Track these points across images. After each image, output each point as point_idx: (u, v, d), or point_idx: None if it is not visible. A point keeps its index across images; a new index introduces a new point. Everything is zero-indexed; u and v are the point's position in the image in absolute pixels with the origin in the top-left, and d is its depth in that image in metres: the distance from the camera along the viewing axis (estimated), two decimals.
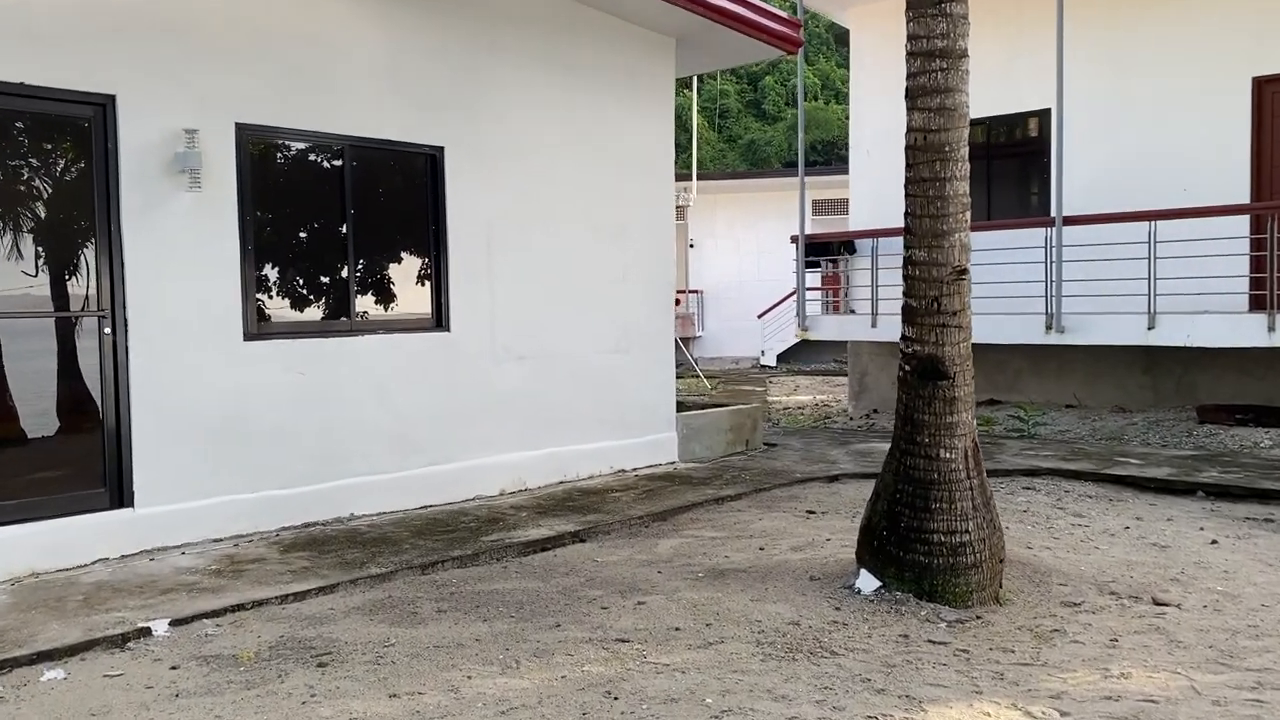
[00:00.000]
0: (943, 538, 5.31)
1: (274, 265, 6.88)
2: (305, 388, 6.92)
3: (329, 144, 7.08)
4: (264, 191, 6.81)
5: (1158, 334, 10.44)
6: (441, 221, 7.62)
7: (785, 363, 26.90)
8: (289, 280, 6.99)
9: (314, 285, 7.11)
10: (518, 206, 8.11)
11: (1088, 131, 11.76)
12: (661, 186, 9.33)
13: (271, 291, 6.88)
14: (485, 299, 7.89)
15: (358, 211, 7.23)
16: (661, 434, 9.28)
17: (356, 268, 7.25)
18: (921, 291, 5.34)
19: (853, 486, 8.51)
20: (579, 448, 8.56)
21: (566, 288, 8.49)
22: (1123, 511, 7.56)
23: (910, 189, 5.35)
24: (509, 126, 8.04)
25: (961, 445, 5.38)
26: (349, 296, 7.20)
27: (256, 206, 6.73)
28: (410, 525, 6.99)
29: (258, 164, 6.76)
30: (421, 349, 7.53)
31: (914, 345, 5.40)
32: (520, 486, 8.10)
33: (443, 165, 7.61)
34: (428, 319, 7.63)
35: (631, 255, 9.02)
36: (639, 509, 7.46)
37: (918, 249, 5.33)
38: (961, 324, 5.35)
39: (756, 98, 48.71)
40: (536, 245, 8.26)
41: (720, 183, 27.96)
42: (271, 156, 6.90)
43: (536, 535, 6.69)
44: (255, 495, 6.69)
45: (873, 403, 14.29)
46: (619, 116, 8.89)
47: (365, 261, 7.34)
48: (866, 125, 14.21)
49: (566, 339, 8.49)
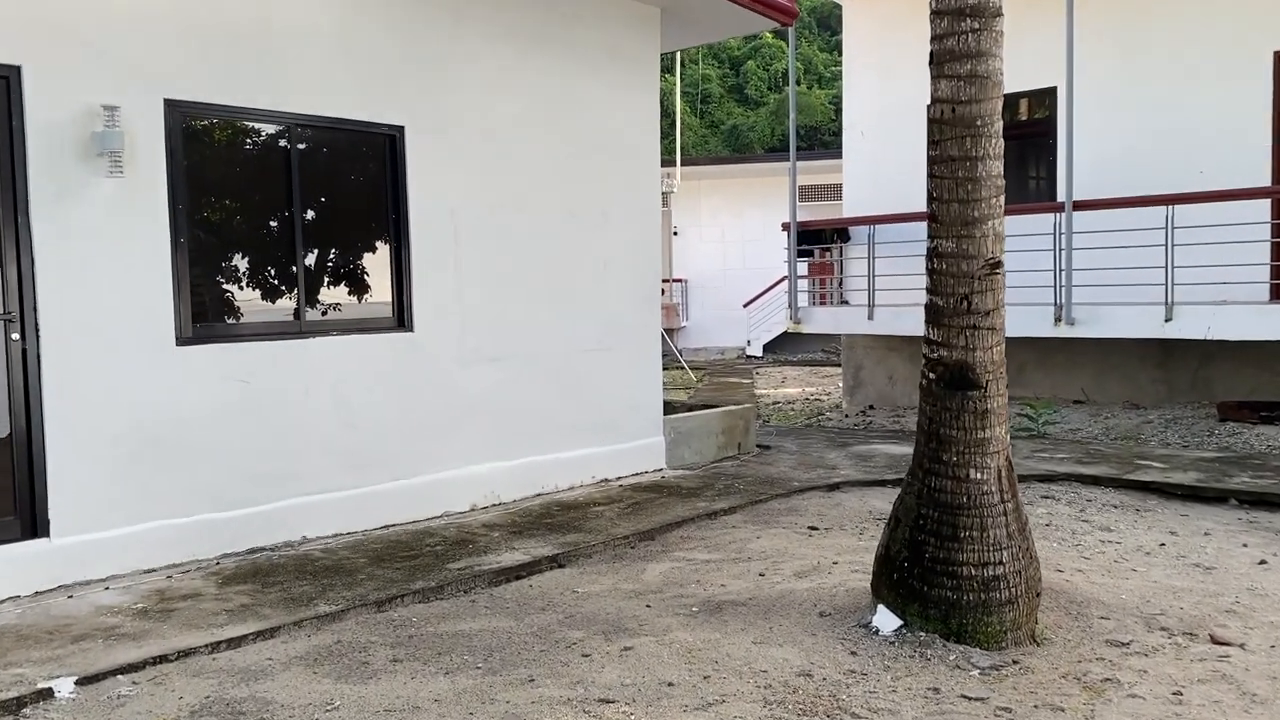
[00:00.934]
0: (973, 570, 4.62)
1: (211, 260, 6.12)
2: (249, 397, 6.16)
3: (274, 123, 6.32)
4: (199, 177, 6.04)
5: (1176, 326, 9.79)
6: (402, 209, 6.87)
7: (772, 353, 26.25)
8: (228, 277, 6.23)
9: (257, 282, 6.35)
10: (488, 192, 7.36)
11: (1096, 111, 11.08)
12: (646, 170, 8.59)
13: (208, 290, 6.12)
14: (452, 295, 7.15)
15: (307, 199, 6.48)
16: (648, 439, 8.56)
17: (306, 262, 6.49)
18: (949, 288, 4.64)
19: (855, 496, 7.82)
20: (558, 456, 7.84)
21: (542, 281, 7.75)
22: (1154, 524, 6.90)
23: (935, 169, 4.64)
24: (477, 105, 7.29)
25: (994, 465, 4.69)
26: (298, 294, 6.44)
27: (190, 194, 5.96)
28: (369, 549, 6.26)
29: (191, 146, 5.99)
30: (381, 351, 6.79)
31: (940, 350, 4.70)
32: (493, 501, 7.38)
33: (403, 147, 6.85)
34: (388, 318, 6.88)
35: (614, 244, 8.29)
36: (624, 526, 6.75)
37: (944, 239, 4.63)
38: (995, 325, 4.66)
39: (739, 82, 48.04)
40: (509, 235, 7.51)
41: (705, 168, 27.24)
42: (207, 137, 6.12)
43: (510, 561, 5.97)
44: (192, 519, 5.94)
45: (868, 398, 13.62)
46: (599, 94, 8.14)
47: (316, 255, 6.58)
48: (860, 104, 13.51)
49: (543, 337, 7.76)
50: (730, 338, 27.13)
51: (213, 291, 6.14)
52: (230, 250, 6.23)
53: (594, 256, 8.14)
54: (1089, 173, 10.96)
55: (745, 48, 48.41)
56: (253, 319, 6.30)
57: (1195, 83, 10.68)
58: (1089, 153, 10.96)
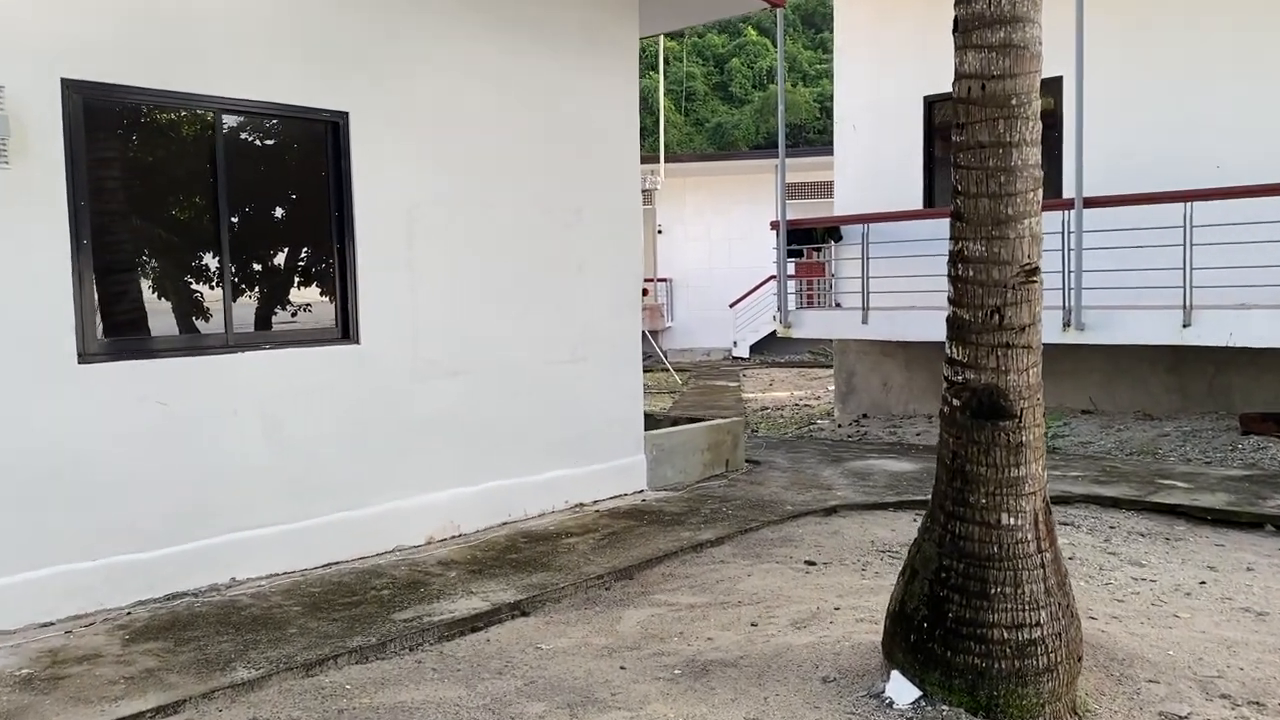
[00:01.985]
0: (1006, 633, 3.89)
1: (121, 264, 5.34)
2: (167, 421, 5.38)
3: (197, 108, 5.54)
4: (106, 169, 5.26)
5: (1195, 332, 9.10)
6: (347, 206, 6.10)
7: (758, 354, 25.58)
8: (142, 283, 5.44)
9: (177, 289, 5.57)
10: (447, 186, 6.60)
11: (1105, 102, 10.37)
12: (625, 163, 7.84)
13: (117, 299, 5.34)
14: (406, 301, 6.38)
15: (236, 194, 5.70)
16: (627, 458, 7.81)
17: (234, 266, 5.71)
18: (977, 299, 3.90)
19: (854, 522, 7.09)
20: (526, 480, 7.08)
21: (509, 285, 6.99)
22: (1188, 557, 6.20)
23: (960, 158, 3.90)
24: (435, 89, 6.52)
25: (1029, 508, 3.96)
26: (225, 303, 5.66)
27: (95, 189, 5.18)
28: (305, 594, 5.48)
29: (97, 134, 5.20)
30: (323, 366, 6.01)
31: (965, 372, 3.96)
32: (453, 532, 6.61)
33: (347, 135, 6.08)
34: (330, 329, 6.11)
35: (590, 243, 7.53)
36: (598, 563, 6.00)
37: (971, 240, 3.89)
38: (1030, 343, 3.92)
39: (723, 80, 47.68)
40: (472, 234, 6.75)
41: (689, 165, 26.51)
42: (116, 123, 5.33)
43: (465, 609, 5.21)
44: (98, 563, 5.16)
45: (861, 406, 12.90)
46: (574, 81, 7.38)
47: (246, 258, 5.81)
48: (852, 97, 12.78)
49: (510, 347, 6.99)
50: (716, 338, 26.46)
51: (123, 300, 5.35)
52: (145, 253, 5.45)
53: (568, 258, 7.39)
54: (1097, 168, 10.26)
55: (729, 45, 48.00)
56: (172, 331, 5.52)
57: (1213, 70, 9.99)
58: (1097, 147, 10.26)
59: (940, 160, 12.00)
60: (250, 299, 5.85)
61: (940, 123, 12.09)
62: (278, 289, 5.98)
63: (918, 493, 7.79)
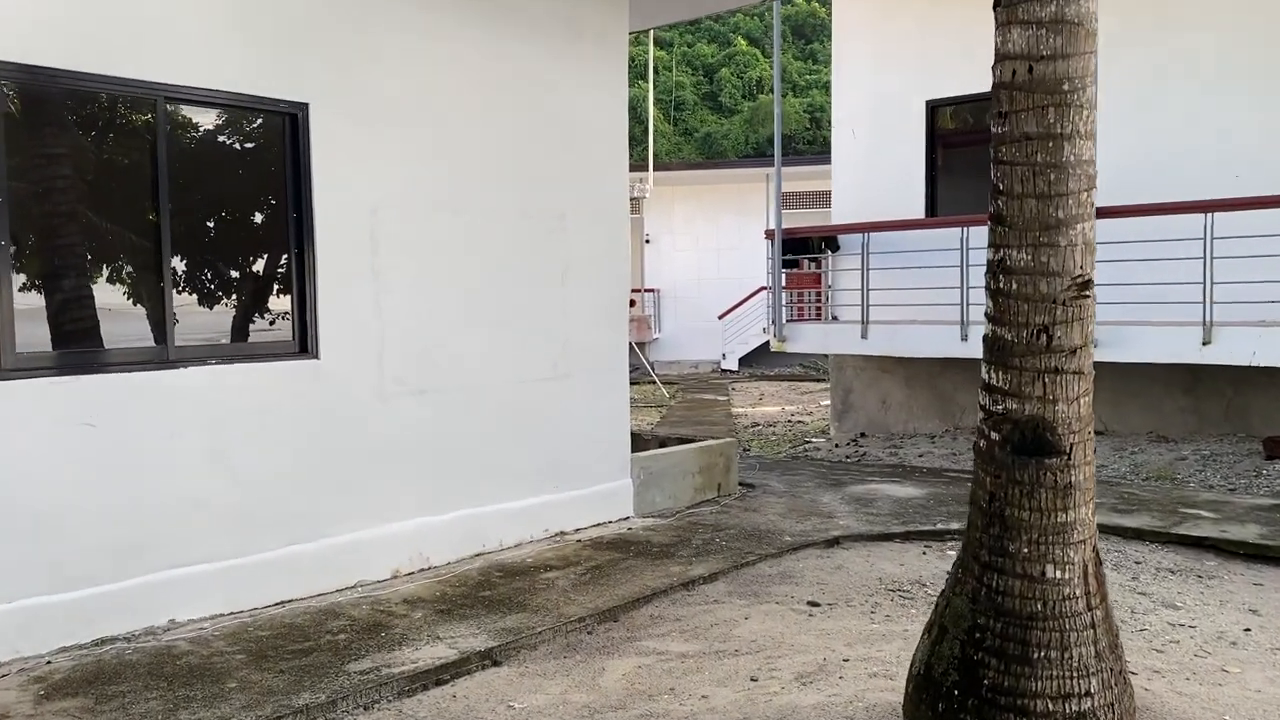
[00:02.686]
0: (1051, 704, 3.36)
1: (43, 269, 4.76)
2: (96, 445, 4.80)
3: (135, 96, 4.96)
4: (28, 163, 4.69)
5: (1215, 350, 8.59)
6: (305, 207, 5.52)
7: (748, 367, 25.07)
8: (69, 290, 4.86)
9: (109, 297, 4.98)
10: (417, 187, 6.03)
11: (1112, 108, 9.84)
12: (612, 165, 7.29)
13: (40, 307, 4.75)
14: (370, 313, 5.81)
15: (179, 192, 5.12)
16: (612, 482, 7.24)
17: (176, 272, 5.13)
18: (1021, 316, 3.36)
19: (859, 556, 6.53)
20: (502, 507, 6.50)
21: (485, 295, 6.43)
22: (1226, 598, 5.66)
23: (1002, 152, 3.36)
24: (405, 81, 5.96)
25: (1078, 558, 3.43)
26: (164, 312, 5.08)
27: (14, 185, 4.59)
28: (251, 639, 4.89)
29: (17, 123, 4.62)
30: (277, 384, 5.43)
31: (1006, 401, 3.42)
32: (421, 565, 6.03)
33: (307, 129, 5.51)
34: (286, 342, 5.53)
35: (574, 251, 6.97)
36: (580, 602, 5.42)
37: (1015, 248, 3.35)
38: (1082, 368, 3.39)
39: (713, 90, 47.44)
40: (444, 240, 6.18)
41: (678, 173, 26.01)
42: (42, 112, 4.75)
43: (430, 658, 4.63)
44: (13, 605, 4.56)
45: (858, 424, 12.36)
46: (558, 76, 6.83)
47: (190, 263, 5.23)
48: (851, 100, 12.27)
49: (485, 363, 6.42)
50: (704, 351, 25.93)
51: (46, 309, 4.76)
52: (72, 256, 4.87)
53: (550, 266, 6.83)
54: (1107, 177, 9.74)
55: (719, 55, 47.76)
56: (103, 344, 4.93)
57: (1231, 73, 9.51)
58: (1107, 154, 9.73)
59: (943, 167, 11.50)
60: (195, 309, 5.27)
61: (943, 128, 11.60)
62: (225, 297, 5.40)
63: (925, 521, 7.25)
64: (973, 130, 11.63)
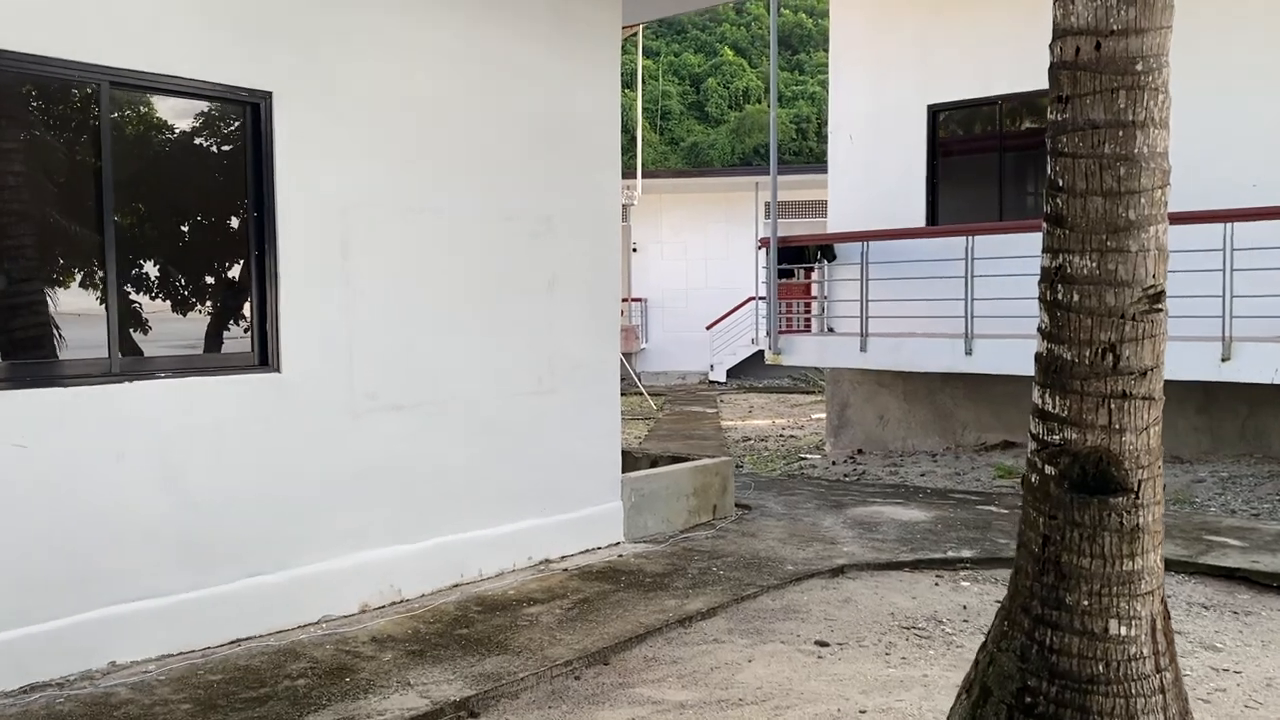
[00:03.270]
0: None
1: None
2: (29, 469, 4.29)
3: (76, 80, 4.47)
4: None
5: (1235, 367, 8.18)
6: (268, 206, 5.03)
7: (736, 378, 24.64)
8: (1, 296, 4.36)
9: (48, 304, 4.48)
10: (392, 185, 5.55)
11: None
12: (604, 167, 6.83)
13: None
14: (339, 322, 5.31)
15: (126, 188, 4.63)
16: (602, 505, 6.76)
17: (122, 276, 4.63)
18: (1083, 333, 2.90)
19: (868, 587, 6.07)
20: (483, 534, 6.00)
21: (466, 303, 5.94)
22: (1267, 638, 5.21)
23: (1063, 143, 2.91)
24: (380, 70, 5.48)
25: (1145, 612, 2.97)
26: (109, 321, 4.57)
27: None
28: (200, 684, 4.38)
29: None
30: (235, 399, 4.94)
31: (1063, 430, 2.96)
32: (392, 597, 5.53)
33: (270, 120, 5.02)
34: (245, 354, 5.04)
35: (561, 257, 6.50)
36: (566, 642, 4.94)
37: (1077, 253, 2.89)
38: (1152, 392, 2.93)
39: (699, 99, 47.35)
40: (421, 242, 5.70)
41: (667, 181, 25.56)
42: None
43: (399, 709, 4.13)
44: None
45: (855, 440, 11.91)
46: (544, 68, 6.37)
47: (138, 267, 4.73)
48: (849, 105, 11.85)
49: (465, 377, 5.94)
50: (692, 361, 25.48)
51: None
52: (4, 259, 4.36)
53: (536, 272, 6.35)
54: None
55: (705, 65, 47.63)
56: (38, 356, 4.43)
57: (1249, 76, 9.12)
58: None
59: (945, 174, 11.09)
60: (143, 317, 4.77)
61: (945, 133, 11.19)
62: (179, 305, 4.91)
63: (934, 548, 6.79)
64: (975, 137, 11.23)
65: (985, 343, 9.53)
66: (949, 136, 11.20)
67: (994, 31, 10.53)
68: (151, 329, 4.80)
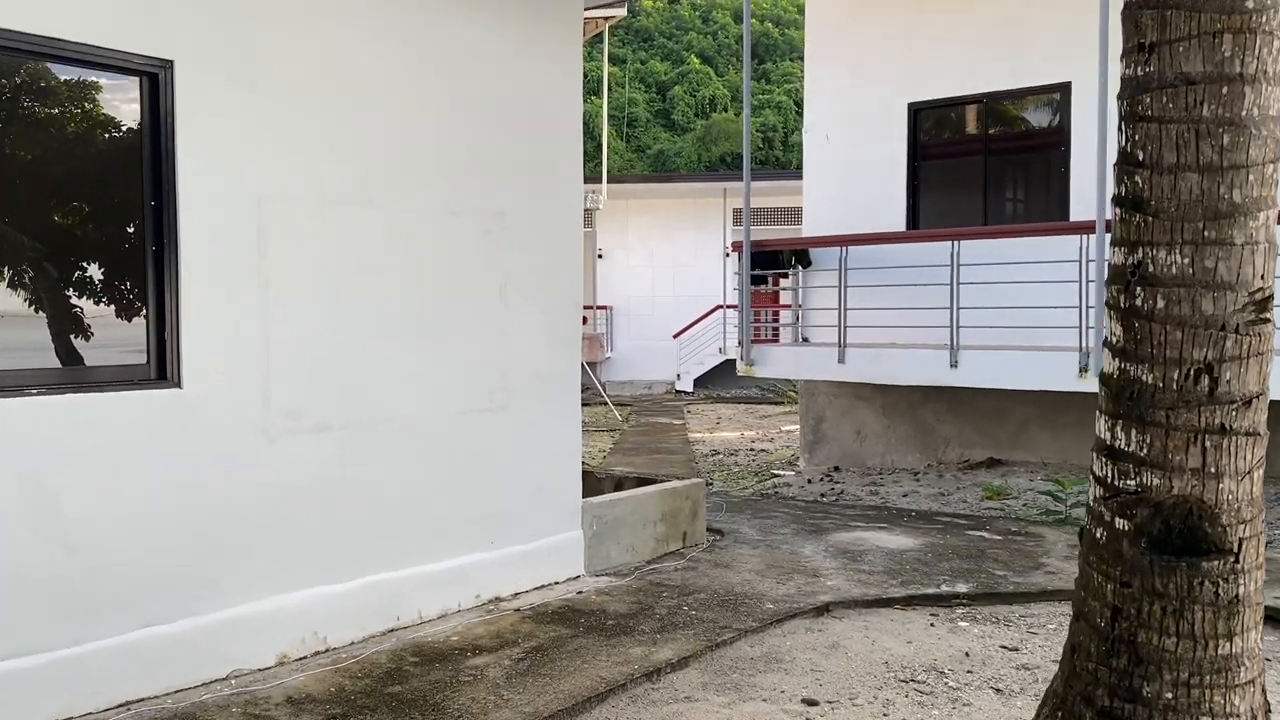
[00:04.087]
0: None
1: None
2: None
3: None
4: None
5: None
6: (169, 193, 4.31)
7: (703, 388, 24.09)
8: None
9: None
10: (319, 172, 4.84)
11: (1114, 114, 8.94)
12: (565, 159, 6.15)
13: None
14: (254, 330, 4.59)
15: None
16: (560, 534, 6.07)
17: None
18: (1169, 348, 2.27)
19: (856, 629, 5.41)
20: (422, 570, 5.29)
21: (405, 309, 5.23)
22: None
23: (1144, 104, 2.27)
24: (304, 41, 4.78)
25: (1245, 708, 2.34)
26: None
27: None
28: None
29: None
30: (125, 419, 4.20)
31: (1141, 473, 2.32)
32: (316, 647, 4.80)
33: (171, 93, 4.30)
34: (139, 366, 4.30)
35: (517, 256, 5.80)
36: (515, 703, 4.23)
37: (1162, 247, 2.26)
38: (1256, 426, 2.30)
39: (665, 107, 47.16)
40: (352, 239, 4.99)
41: (633, 186, 24.96)
42: None
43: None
44: None
45: (831, 457, 11.29)
46: (502, 49, 5.68)
47: (6, 264, 3.98)
48: (825, 104, 11.26)
49: (403, 393, 5.22)
50: (659, 371, 24.88)
51: None
52: None
53: (487, 275, 5.66)
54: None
55: (672, 73, 47.42)
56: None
57: None
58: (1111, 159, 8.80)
59: (926, 175, 10.51)
60: (14, 322, 4.03)
61: (926, 133, 10.62)
62: (57, 309, 4.16)
63: (926, 581, 6.17)
64: (958, 140, 10.68)
65: (972, 354, 8.95)
66: (930, 140, 10.63)
67: (980, 25, 9.99)
68: (23, 337, 4.05)
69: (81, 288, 4.21)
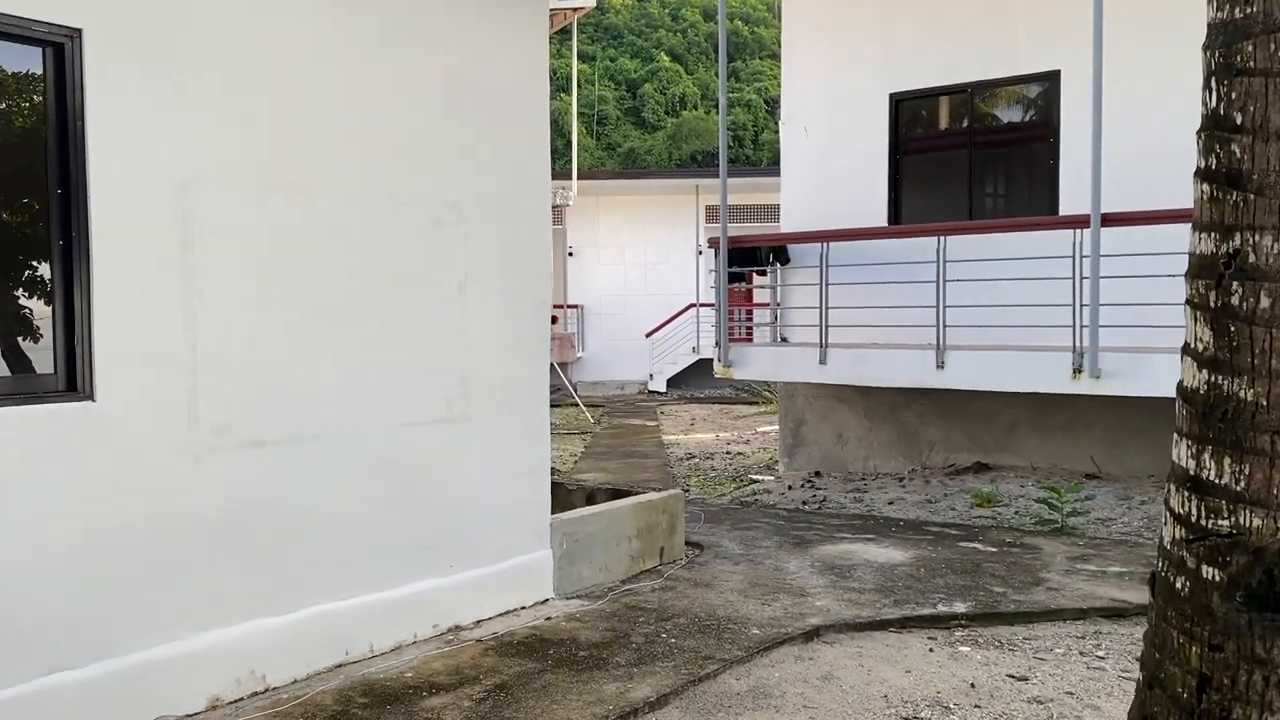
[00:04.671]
0: None
1: None
2: None
3: None
4: None
5: None
6: (77, 179, 3.79)
7: (677, 388, 23.65)
8: None
9: None
10: (250, 156, 4.33)
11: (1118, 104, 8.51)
12: (531, 145, 5.66)
13: None
14: (177, 335, 4.08)
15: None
16: (527, 554, 5.59)
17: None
18: (1275, 358, 1.82)
19: (850, 656, 4.97)
20: (373, 599, 4.79)
21: (350, 310, 4.73)
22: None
23: (1240, 55, 1.83)
24: (232, 9, 4.26)
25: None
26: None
27: None
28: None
29: None
30: (29, 437, 3.68)
31: (1234, 512, 1.88)
32: (254, 688, 4.30)
33: (80, 66, 3.79)
34: (46, 377, 3.79)
35: (476, 251, 5.32)
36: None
37: (1268, 232, 1.81)
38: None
39: (636, 105, 46.93)
40: (288, 232, 4.48)
41: (604, 183, 24.43)
42: None
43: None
44: None
45: (811, 461, 10.87)
46: (454, 18, 5.19)
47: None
48: (804, 94, 10.84)
49: (348, 403, 4.72)
50: (631, 370, 24.40)
51: None
52: None
53: (442, 272, 5.17)
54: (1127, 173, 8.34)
55: (642, 70, 47.17)
56: None
57: None
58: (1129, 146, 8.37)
59: (908, 169, 10.10)
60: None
61: (908, 125, 10.21)
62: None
63: (921, 600, 5.74)
64: (941, 133, 10.28)
65: (960, 355, 8.55)
66: (912, 134, 10.22)
67: (965, 11, 9.60)
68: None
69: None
